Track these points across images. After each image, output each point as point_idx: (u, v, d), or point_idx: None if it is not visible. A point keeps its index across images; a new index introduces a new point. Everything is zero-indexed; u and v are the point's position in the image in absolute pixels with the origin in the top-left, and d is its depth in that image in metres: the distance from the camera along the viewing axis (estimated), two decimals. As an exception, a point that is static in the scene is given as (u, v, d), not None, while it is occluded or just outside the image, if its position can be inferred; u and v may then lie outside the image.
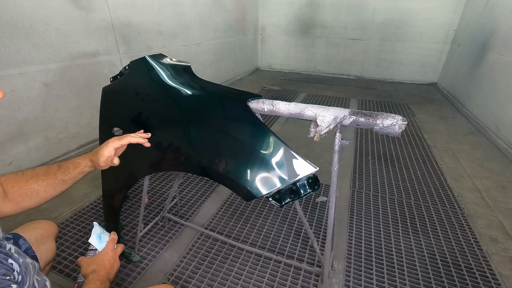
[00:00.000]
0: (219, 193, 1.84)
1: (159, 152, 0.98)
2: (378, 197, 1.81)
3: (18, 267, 0.49)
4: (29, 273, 0.52)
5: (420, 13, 4.44)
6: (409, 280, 1.24)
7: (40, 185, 0.70)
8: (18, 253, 0.52)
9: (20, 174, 0.69)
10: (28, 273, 0.52)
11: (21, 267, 0.50)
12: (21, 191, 0.68)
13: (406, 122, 0.76)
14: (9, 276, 0.46)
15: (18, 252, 0.52)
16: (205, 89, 1.03)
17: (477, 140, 2.70)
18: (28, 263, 0.54)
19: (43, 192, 0.71)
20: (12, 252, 0.51)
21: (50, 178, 0.72)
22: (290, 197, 0.81)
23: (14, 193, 0.67)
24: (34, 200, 0.70)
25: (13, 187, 0.67)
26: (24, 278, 0.50)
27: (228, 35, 4.40)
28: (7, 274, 0.46)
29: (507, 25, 2.85)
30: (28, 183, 0.69)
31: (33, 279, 0.55)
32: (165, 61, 1.16)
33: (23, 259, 0.52)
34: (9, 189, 0.67)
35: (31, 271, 0.54)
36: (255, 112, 0.91)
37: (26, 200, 0.69)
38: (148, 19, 2.75)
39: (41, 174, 0.71)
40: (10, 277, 0.46)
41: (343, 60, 5.26)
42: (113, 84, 1.15)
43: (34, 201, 0.71)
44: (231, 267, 1.29)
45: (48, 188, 0.72)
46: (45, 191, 0.71)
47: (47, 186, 0.71)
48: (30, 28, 1.78)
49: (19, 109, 1.81)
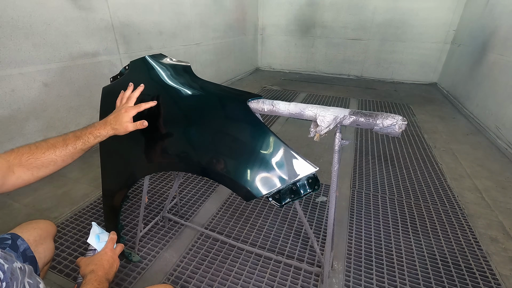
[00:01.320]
0: (219, 193, 1.84)
1: (159, 152, 0.98)
2: (378, 197, 1.81)
3: (2, 274, 0.48)
4: (16, 279, 0.51)
5: (420, 13, 4.44)
6: (409, 280, 1.24)
7: (58, 155, 0.72)
8: (4, 259, 0.51)
9: (33, 147, 0.69)
10: (15, 278, 0.51)
11: (6, 274, 0.49)
12: (37, 162, 0.69)
13: (406, 122, 0.76)
14: None
15: (4, 258, 0.51)
16: (205, 89, 1.03)
17: (477, 140, 2.70)
18: (16, 268, 0.53)
19: (61, 162, 0.73)
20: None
21: (70, 148, 0.74)
22: (290, 197, 0.81)
23: (29, 165, 0.68)
24: (50, 169, 0.72)
25: (28, 160, 0.67)
26: (9, 285, 0.49)
27: (228, 35, 4.40)
28: None
29: (507, 25, 2.85)
30: (45, 155, 0.70)
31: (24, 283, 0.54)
32: (165, 61, 1.16)
33: (9, 265, 0.51)
34: (23, 162, 0.67)
35: (19, 276, 0.53)
36: (255, 112, 0.91)
37: (42, 169, 0.70)
38: (148, 19, 2.75)
39: (60, 146, 0.72)
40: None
41: (343, 60, 5.25)
42: (113, 84, 1.14)
43: (50, 169, 0.72)
44: (231, 267, 1.29)
45: (66, 158, 0.74)
46: (62, 160, 0.73)
47: (65, 155, 0.73)
48: (30, 28, 1.78)
49: (19, 109, 1.81)
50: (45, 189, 1.81)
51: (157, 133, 0.97)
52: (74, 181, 1.90)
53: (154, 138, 0.98)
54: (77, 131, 0.78)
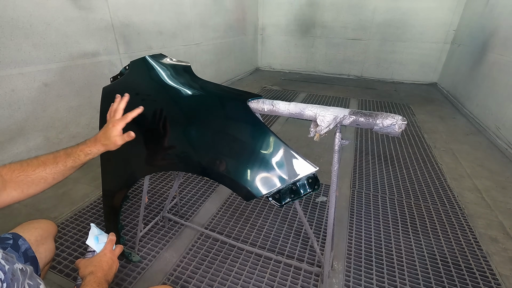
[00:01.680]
0: (219, 193, 1.84)
1: (159, 152, 0.98)
2: (378, 197, 1.81)
3: (3, 274, 0.48)
4: (16, 280, 0.51)
5: (420, 13, 4.44)
6: (409, 280, 1.24)
7: (49, 172, 0.71)
8: (5, 259, 0.51)
9: (24, 163, 0.69)
10: (15, 279, 0.51)
11: (7, 275, 0.49)
12: (28, 180, 0.68)
13: (406, 122, 0.76)
14: None
15: (5, 259, 0.51)
16: (205, 89, 1.03)
17: (477, 140, 2.70)
18: (16, 269, 0.53)
19: (52, 179, 0.72)
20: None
21: (60, 165, 0.73)
22: (290, 197, 0.81)
23: (19, 182, 0.67)
24: (40, 186, 0.71)
25: (18, 177, 0.67)
26: (9, 286, 0.49)
27: (228, 35, 4.40)
28: None
29: (507, 25, 2.85)
30: (36, 172, 0.69)
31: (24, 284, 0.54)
32: (165, 61, 1.16)
33: (10, 266, 0.51)
34: (14, 179, 0.67)
35: (20, 277, 0.53)
36: (255, 112, 0.91)
37: (32, 187, 0.70)
38: (148, 19, 2.75)
39: (50, 163, 0.72)
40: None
41: (343, 60, 5.26)
42: (113, 84, 1.14)
43: (41, 187, 0.72)
44: (231, 267, 1.29)
45: (57, 175, 0.73)
46: (53, 178, 0.72)
47: (55, 173, 0.72)
48: (30, 28, 1.78)
49: (19, 109, 1.81)
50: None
51: (157, 133, 0.97)
52: (74, 181, 1.90)
53: (154, 138, 0.98)
54: (68, 148, 0.77)
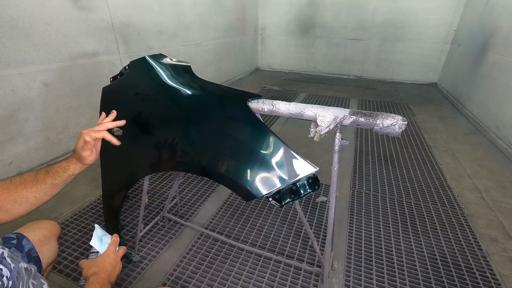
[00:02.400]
0: (219, 193, 1.84)
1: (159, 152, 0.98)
2: (378, 197, 1.81)
3: (9, 272, 0.48)
4: (22, 278, 0.51)
5: (420, 13, 4.44)
6: (409, 280, 1.24)
7: (30, 191, 0.69)
8: (11, 258, 0.51)
9: (8, 181, 0.68)
10: (20, 278, 0.51)
11: (13, 273, 0.49)
12: (10, 198, 0.67)
13: (406, 122, 0.76)
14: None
15: (11, 257, 0.51)
16: (205, 89, 1.03)
17: (477, 140, 2.70)
18: (21, 268, 0.53)
19: (33, 198, 0.70)
20: (5, 256, 0.50)
21: (40, 183, 0.71)
22: (290, 197, 0.81)
23: (3, 200, 0.66)
24: (24, 206, 0.69)
25: (1, 194, 0.66)
26: (15, 284, 0.49)
27: (228, 35, 4.40)
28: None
29: (507, 25, 2.85)
30: (17, 190, 0.68)
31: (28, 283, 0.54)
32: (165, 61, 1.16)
33: (15, 264, 0.51)
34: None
35: (25, 276, 0.53)
36: (255, 112, 0.91)
37: (16, 207, 0.68)
38: (148, 19, 2.75)
39: (30, 180, 0.70)
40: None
41: (343, 60, 5.26)
42: (113, 84, 1.14)
43: (25, 207, 0.70)
44: (231, 267, 1.29)
45: (38, 194, 0.71)
46: (34, 196, 0.70)
47: (36, 191, 0.70)
48: (30, 28, 1.78)
49: (19, 109, 1.81)
50: (45, 189, 1.81)
51: (157, 133, 0.97)
52: (74, 181, 1.88)
53: (154, 138, 0.98)
54: (49, 166, 0.75)
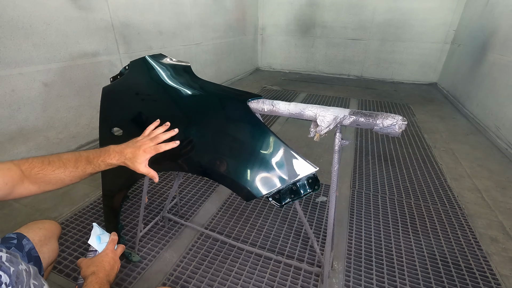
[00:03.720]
0: (219, 193, 1.84)
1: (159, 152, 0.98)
2: (378, 197, 1.81)
3: (8, 278, 0.47)
4: (21, 282, 0.51)
5: (420, 13, 4.44)
6: (409, 280, 1.24)
7: (67, 175, 0.71)
8: (9, 261, 0.50)
9: (46, 161, 0.68)
10: (20, 282, 0.51)
11: (12, 277, 0.48)
12: (46, 179, 0.68)
13: (406, 122, 0.76)
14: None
15: (10, 260, 0.51)
16: (205, 89, 1.03)
17: (477, 140, 2.70)
18: (21, 271, 0.53)
19: (68, 181, 0.72)
20: (3, 261, 0.49)
21: (79, 170, 0.72)
22: (290, 197, 0.81)
23: (38, 179, 0.67)
24: (57, 185, 0.71)
25: (37, 174, 0.67)
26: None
27: (228, 35, 4.40)
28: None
29: (507, 25, 2.85)
30: (55, 173, 0.69)
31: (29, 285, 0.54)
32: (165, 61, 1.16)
33: (15, 267, 0.50)
34: (33, 175, 0.66)
35: (24, 278, 0.53)
36: (255, 112, 0.91)
37: (49, 186, 0.70)
38: (148, 19, 2.75)
39: (70, 166, 0.71)
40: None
41: (343, 60, 5.25)
42: (113, 84, 1.14)
43: (57, 186, 0.72)
44: (231, 267, 1.29)
45: (75, 178, 0.73)
46: (70, 180, 0.72)
47: (73, 177, 0.72)
48: (30, 28, 1.78)
49: (19, 109, 1.81)
50: (45, 189, 1.81)
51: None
52: (74, 181, 1.90)
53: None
54: (90, 154, 0.75)
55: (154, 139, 0.82)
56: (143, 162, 0.79)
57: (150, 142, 0.81)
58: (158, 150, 0.81)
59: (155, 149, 0.81)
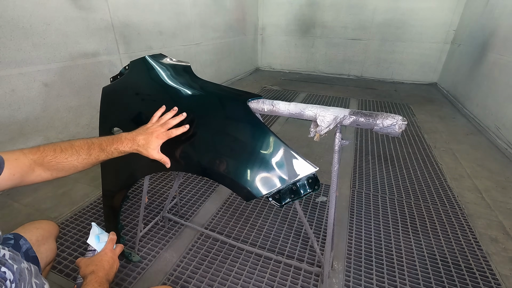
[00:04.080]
0: (219, 193, 1.84)
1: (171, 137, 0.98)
2: (378, 197, 1.81)
3: (12, 275, 0.48)
4: (23, 280, 0.52)
5: (420, 13, 4.44)
6: (409, 280, 1.24)
7: (80, 162, 0.71)
8: (12, 259, 0.51)
9: (58, 149, 0.68)
10: (23, 279, 0.51)
11: (15, 275, 0.49)
12: (59, 166, 0.68)
13: (406, 122, 0.76)
14: (1, 286, 0.45)
15: (13, 258, 0.51)
16: (205, 89, 1.03)
17: (477, 140, 2.70)
18: (24, 269, 0.53)
19: (81, 168, 0.72)
20: (6, 259, 0.50)
21: (92, 158, 0.72)
22: (290, 197, 0.81)
23: (51, 167, 0.67)
24: (70, 172, 0.71)
25: (50, 162, 0.67)
26: (18, 286, 0.49)
27: (228, 35, 4.40)
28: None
29: (507, 25, 2.85)
30: (68, 160, 0.69)
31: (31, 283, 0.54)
32: (165, 61, 1.16)
33: (17, 265, 0.51)
34: (46, 163, 0.66)
35: (27, 276, 0.53)
36: (255, 112, 0.91)
37: (62, 173, 0.70)
38: (148, 19, 2.75)
39: (83, 153, 0.71)
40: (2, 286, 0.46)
41: (343, 60, 5.25)
42: (113, 84, 1.14)
43: (70, 173, 0.72)
44: (231, 267, 1.29)
45: (87, 165, 0.73)
46: (83, 166, 0.72)
47: (86, 163, 0.72)
48: (30, 28, 1.78)
49: (19, 109, 1.81)
50: (45, 189, 1.81)
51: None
52: (74, 181, 1.90)
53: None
54: (103, 141, 0.75)
55: (164, 124, 0.83)
56: (156, 148, 0.80)
57: (161, 128, 0.81)
58: (170, 135, 0.82)
59: (167, 134, 0.81)
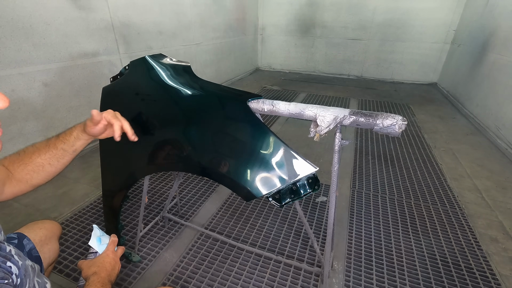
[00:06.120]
0: (219, 193, 1.84)
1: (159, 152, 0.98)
2: (378, 197, 1.81)
3: (17, 269, 0.48)
4: (28, 276, 0.52)
5: (420, 13, 4.44)
6: (409, 280, 1.24)
7: (44, 158, 0.71)
8: (18, 255, 0.51)
9: (21, 152, 0.70)
10: (27, 275, 0.52)
11: (21, 270, 0.49)
12: (28, 169, 0.69)
13: (406, 122, 0.76)
14: (7, 279, 0.46)
15: (18, 254, 0.52)
16: (205, 89, 1.03)
17: (477, 140, 2.70)
18: (28, 266, 0.54)
19: (48, 166, 0.72)
20: (12, 254, 0.50)
21: (51, 149, 0.72)
22: (290, 197, 0.81)
23: (21, 172, 0.68)
24: (41, 175, 0.71)
25: (19, 167, 0.68)
26: (23, 281, 0.49)
27: (228, 35, 4.40)
28: (5, 278, 0.46)
29: (507, 25, 2.85)
30: (32, 159, 0.69)
31: (33, 281, 0.55)
32: (165, 61, 1.16)
33: (23, 262, 0.51)
34: (15, 169, 0.67)
35: (31, 273, 0.54)
36: (255, 112, 0.91)
37: (34, 176, 0.70)
38: (148, 19, 2.75)
39: (42, 147, 0.72)
40: (8, 280, 0.46)
41: (343, 60, 5.25)
42: (113, 84, 1.14)
43: (42, 176, 0.72)
44: (231, 267, 1.29)
45: (52, 161, 0.72)
46: (49, 164, 0.72)
47: (50, 158, 0.72)
48: (30, 28, 1.78)
49: (19, 109, 1.81)
50: (45, 189, 1.81)
51: (157, 133, 0.97)
52: (74, 181, 1.90)
53: (154, 138, 0.98)
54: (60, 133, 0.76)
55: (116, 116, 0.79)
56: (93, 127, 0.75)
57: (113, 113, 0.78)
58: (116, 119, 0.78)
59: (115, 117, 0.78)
